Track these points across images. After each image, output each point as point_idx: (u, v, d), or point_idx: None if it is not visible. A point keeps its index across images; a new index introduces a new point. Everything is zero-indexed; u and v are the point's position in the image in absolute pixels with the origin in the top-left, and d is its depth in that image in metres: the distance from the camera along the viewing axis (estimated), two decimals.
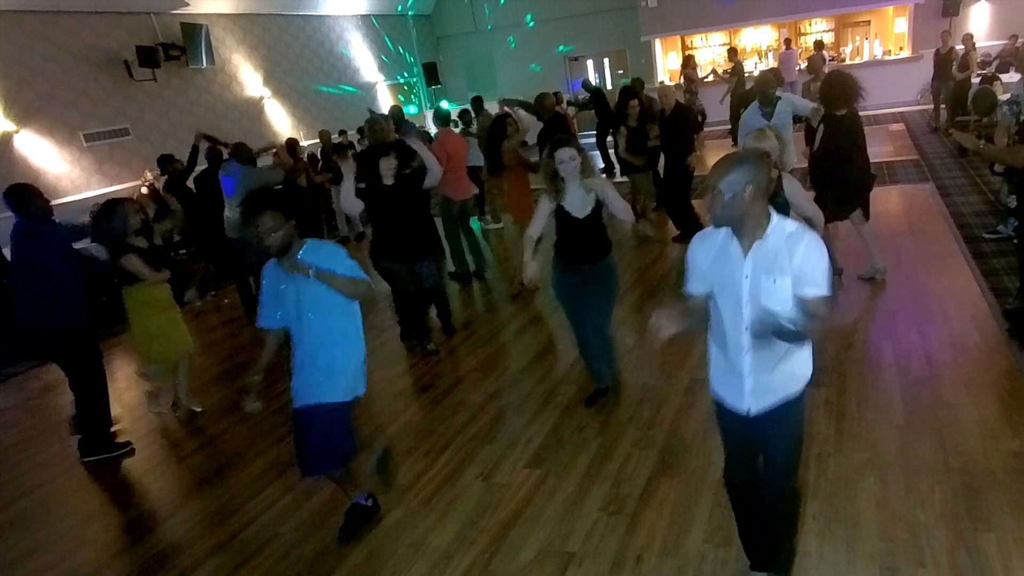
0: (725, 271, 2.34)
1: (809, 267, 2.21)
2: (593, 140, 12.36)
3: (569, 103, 13.22)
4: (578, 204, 3.96)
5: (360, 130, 10.77)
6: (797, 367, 2.41)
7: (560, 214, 4.01)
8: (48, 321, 4.45)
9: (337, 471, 3.36)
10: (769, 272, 2.25)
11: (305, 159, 9.80)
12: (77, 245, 4.83)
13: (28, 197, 4.51)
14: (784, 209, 3.60)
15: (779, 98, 6.02)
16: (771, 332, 2.25)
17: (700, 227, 7.49)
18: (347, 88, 15.66)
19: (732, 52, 14.68)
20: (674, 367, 4.75)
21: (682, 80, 14.22)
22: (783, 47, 14.81)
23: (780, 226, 2.27)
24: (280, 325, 3.22)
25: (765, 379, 2.39)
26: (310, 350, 3.17)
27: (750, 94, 7.68)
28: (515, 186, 7.13)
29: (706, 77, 15.35)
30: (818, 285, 2.22)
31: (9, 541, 3.94)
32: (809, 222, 3.31)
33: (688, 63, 14.83)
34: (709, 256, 2.38)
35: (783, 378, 2.40)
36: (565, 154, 3.85)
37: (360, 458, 3.48)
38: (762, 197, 2.24)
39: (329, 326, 3.15)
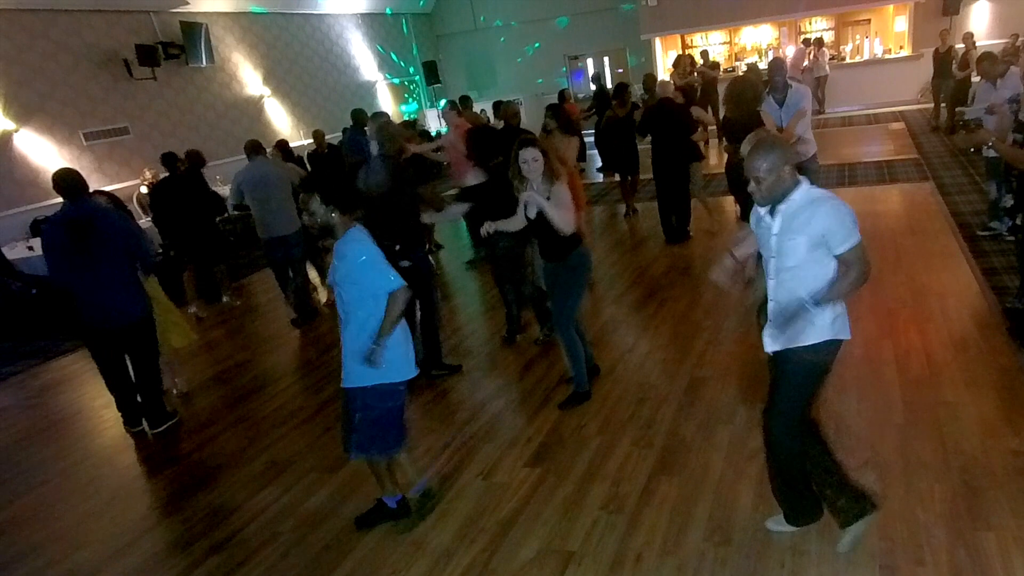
0: (761, 228, 2.75)
1: (832, 228, 2.54)
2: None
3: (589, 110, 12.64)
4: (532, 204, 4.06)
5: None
6: (816, 322, 2.66)
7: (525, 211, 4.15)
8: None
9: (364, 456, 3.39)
10: (789, 231, 2.61)
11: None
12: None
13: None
14: None
15: (790, 86, 5.95)
16: (790, 316, 2.63)
17: (685, 233, 7.63)
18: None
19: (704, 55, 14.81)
20: (674, 366, 4.75)
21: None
22: (798, 45, 14.98)
23: (806, 192, 2.61)
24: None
25: (777, 327, 2.72)
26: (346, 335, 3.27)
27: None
28: None
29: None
30: (845, 240, 2.55)
31: (8, 540, 3.94)
32: None
33: (678, 63, 14.77)
34: (755, 217, 2.80)
35: (792, 330, 2.69)
36: (527, 154, 3.97)
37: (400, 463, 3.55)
38: (793, 170, 2.60)
39: (358, 316, 3.21)
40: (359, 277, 3.14)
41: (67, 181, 4.53)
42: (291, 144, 9.71)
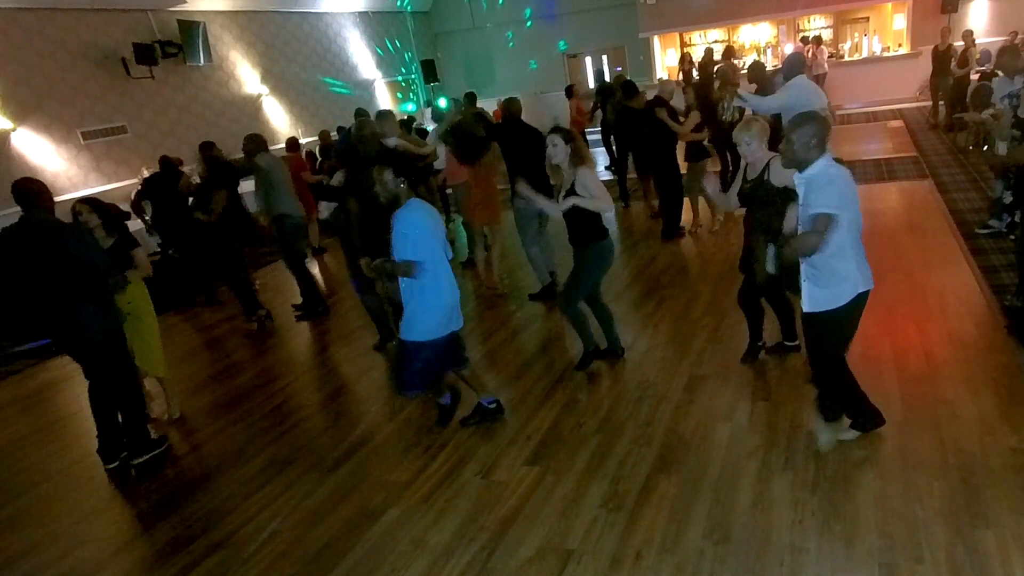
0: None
1: (820, 194, 2.97)
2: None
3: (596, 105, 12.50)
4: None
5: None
6: (815, 289, 3.23)
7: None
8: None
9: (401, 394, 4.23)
10: (807, 203, 3.05)
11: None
12: None
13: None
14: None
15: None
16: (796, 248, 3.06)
17: (678, 229, 7.74)
18: (342, 89, 15.63)
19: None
20: (673, 364, 4.75)
21: (680, 77, 14.26)
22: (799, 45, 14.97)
23: (823, 168, 3.03)
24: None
25: (805, 287, 3.28)
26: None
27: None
28: (478, 186, 6.72)
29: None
30: (819, 206, 2.96)
31: (8, 539, 3.94)
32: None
33: (685, 60, 14.82)
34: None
35: (808, 291, 3.26)
36: (551, 139, 4.37)
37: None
38: (821, 146, 3.02)
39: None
40: (398, 242, 3.73)
41: (22, 191, 4.19)
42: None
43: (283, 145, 9.76)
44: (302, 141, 10.89)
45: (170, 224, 8.10)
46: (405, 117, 12.67)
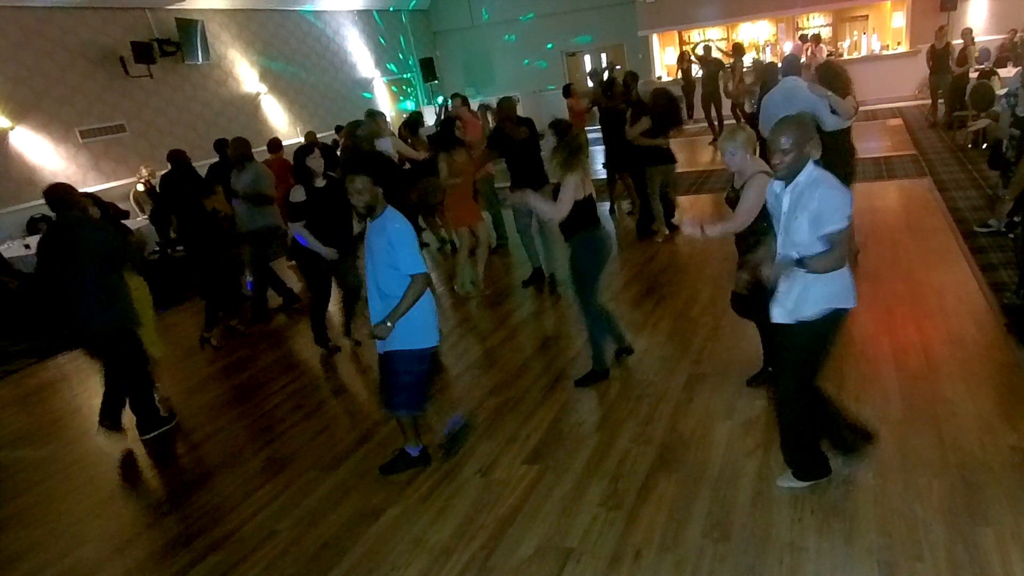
0: (776, 206, 2.97)
1: (826, 209, 2.73)
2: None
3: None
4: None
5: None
6: (811, 296, 2.88)
7: None
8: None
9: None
10: (795, 209, 2.82)
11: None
12: None
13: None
14: None
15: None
16: (785, 268, 2.86)
17: (651, 228, 7.67)
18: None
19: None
20: (672, 363, 4.75)
21: (680, 75, 14.26)
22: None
23: (809, 172, 2.81)
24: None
25: (783, 298, 2.96)
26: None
27: None
28: (457, 188, 6.60)
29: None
30: (834, 223, 2.74)
31: (8, 538, 3.93)
32: None
33: (683, 58, 14.80)
34: (772, 193, 3.01)
35: (797, 301, 2.91)
36: (546, 138, 4.50)
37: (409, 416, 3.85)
38: (811, 149, 2.81)
39: (391, 287, 3.55)
40: (392, 251, 3.46)
41: (51, 196, 4.50)
42: (285, 143, 9.68)
43: (265, 147, 9.59)
44: (288, 143, 10.79)
45: (181, 220, 8.04)
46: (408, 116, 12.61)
